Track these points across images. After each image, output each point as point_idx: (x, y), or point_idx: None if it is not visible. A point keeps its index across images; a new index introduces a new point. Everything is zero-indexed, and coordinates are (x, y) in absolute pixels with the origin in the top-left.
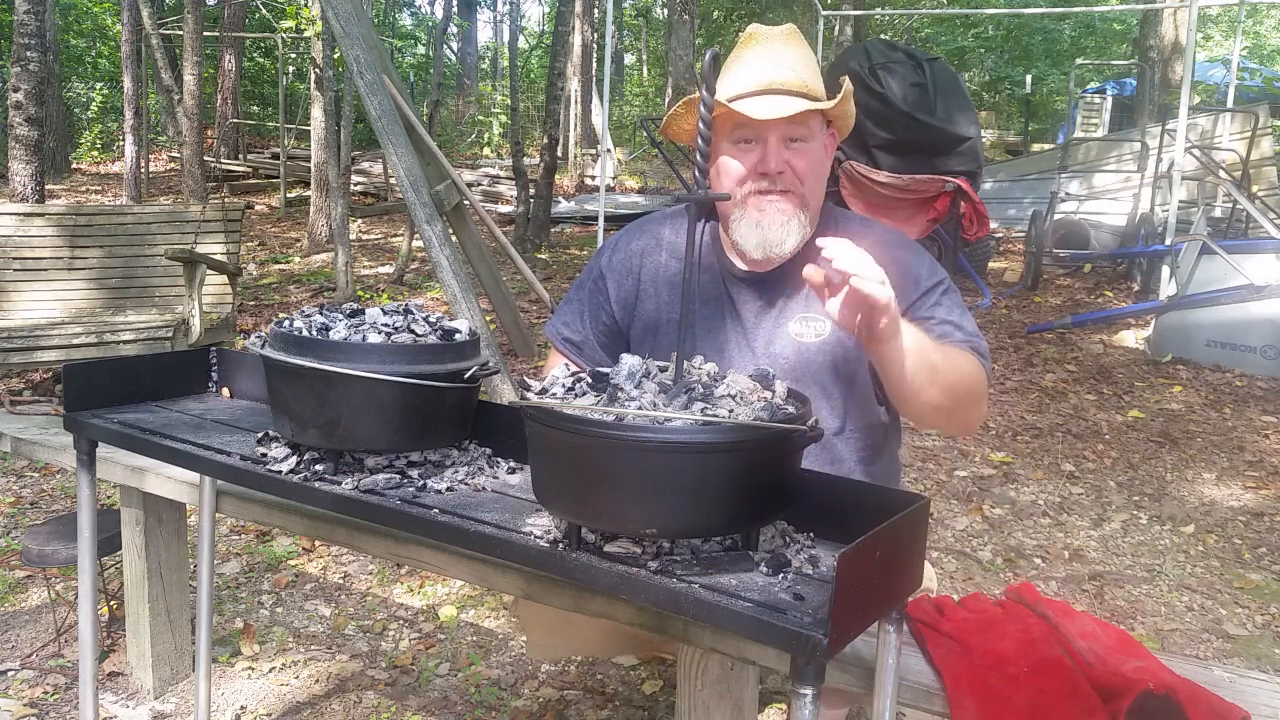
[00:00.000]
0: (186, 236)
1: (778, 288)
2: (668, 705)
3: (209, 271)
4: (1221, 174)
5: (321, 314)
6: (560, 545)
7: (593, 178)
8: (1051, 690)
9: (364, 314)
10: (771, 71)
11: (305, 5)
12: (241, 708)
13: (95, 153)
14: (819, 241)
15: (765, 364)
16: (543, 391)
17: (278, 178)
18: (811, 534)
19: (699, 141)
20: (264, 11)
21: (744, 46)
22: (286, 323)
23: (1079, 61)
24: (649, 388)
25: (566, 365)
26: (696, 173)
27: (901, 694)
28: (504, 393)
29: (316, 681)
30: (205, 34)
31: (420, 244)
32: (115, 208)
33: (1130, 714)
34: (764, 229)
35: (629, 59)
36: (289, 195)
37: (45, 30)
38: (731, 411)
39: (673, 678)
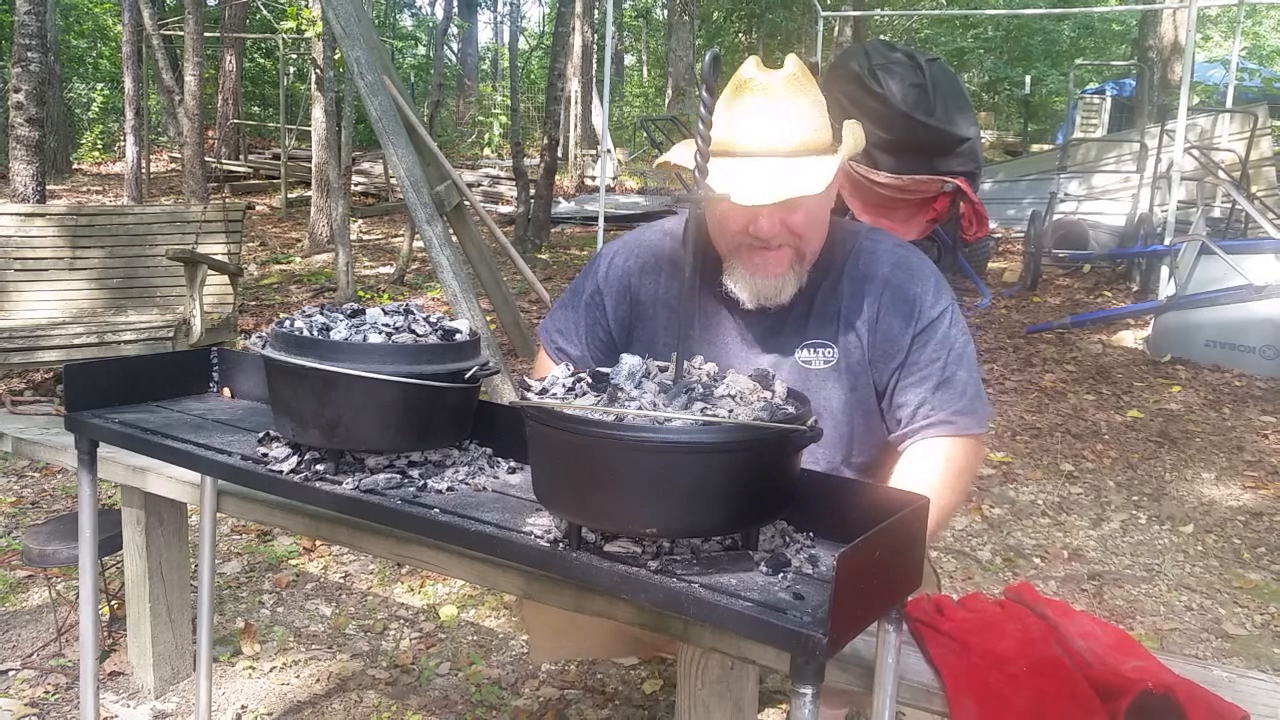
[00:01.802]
0: (187, 237)
1: (782, 316)
2: (668, 705)
3: (210, 272)
4: (1221, 174)
5: (322, 314)
6: (560, 545)
7: (593, 178)
8: (1051, 690)
9: (364, 314)
10: (766, 131)
11: (306, 6)
12: (242, 707)
13: (96, 153)
14: None
15: None
16: (543, 391)
17: (278, 178)
18: (811, 534)
19: (698, 141)
20: (265, 12)
21: (737, 95)
22: (287, 323)
23: (1078, 62)
24: (649, 388)
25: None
26: (696, 173)
27: (901, 693)
28: (504, 393)
29: (317, 681)
30: (206, 35)
31: (421, 244)
32: (116, 208)
33: (1129, 713)
34: (758, 282)
35: (629, 59)
36: (290, 195)
37: (46, 31)
38: (731, 411)
39: (673, 677)
